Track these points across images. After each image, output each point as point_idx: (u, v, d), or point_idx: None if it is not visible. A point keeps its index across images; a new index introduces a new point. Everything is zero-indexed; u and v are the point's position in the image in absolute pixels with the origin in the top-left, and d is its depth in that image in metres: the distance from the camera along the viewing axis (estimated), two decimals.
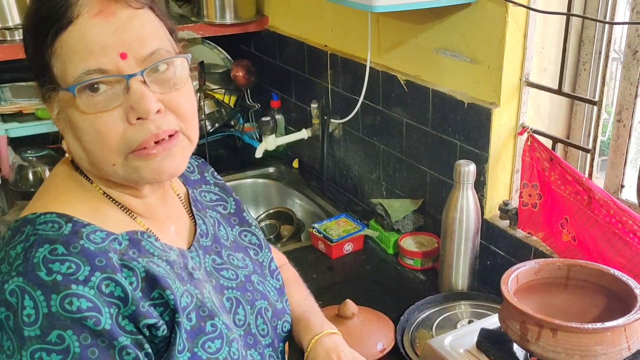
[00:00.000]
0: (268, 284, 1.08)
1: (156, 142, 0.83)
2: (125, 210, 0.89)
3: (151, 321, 0.82)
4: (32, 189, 2.20)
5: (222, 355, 0.89)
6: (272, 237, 2.09)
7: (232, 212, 1.12)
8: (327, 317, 1.36)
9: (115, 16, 0.80)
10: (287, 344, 1.11)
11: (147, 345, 0.82)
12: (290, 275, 1.21)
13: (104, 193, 0.88)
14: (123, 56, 0.79)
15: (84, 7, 0.79)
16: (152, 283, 0.84)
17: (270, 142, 2.22)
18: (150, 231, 0.90)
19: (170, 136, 0.84)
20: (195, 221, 1.01)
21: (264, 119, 2.24)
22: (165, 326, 0.84)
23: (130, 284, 0.81)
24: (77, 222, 0.82)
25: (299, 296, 1.16)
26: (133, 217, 0.90)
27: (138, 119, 0.81)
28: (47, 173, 2.12)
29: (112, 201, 0.89)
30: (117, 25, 0.80)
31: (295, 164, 2.37)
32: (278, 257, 1.24)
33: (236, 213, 1.12)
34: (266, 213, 2.17)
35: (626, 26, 1.37)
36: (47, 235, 0.79)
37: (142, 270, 0.83)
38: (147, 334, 0.83)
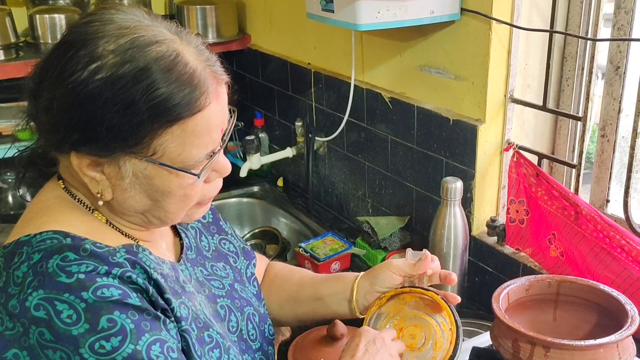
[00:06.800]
0: (248, 290, 1.11)
1: None
2: (123, 234, 0.90)
3: (168, 314, 0.84)
4: (12, 212, 2.16)
5: None
6: None
7: (211, 221, 1.14)
8: (316, 338, 1.37)
9: (222, 95, 0.84)
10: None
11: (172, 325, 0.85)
12: (287, 265, 1.29)
13: (107, 221, 0.89)
14: (222, 130, 0.85)
15: (211, 95, 0.81)
16: (158, 289, 0.85)
17: (255, 161, 2.21)
18: (145, 246, 0.91)
19: None
20: (179, 235, 1.04)
21: (247, 137, 2.23)
22: (173, 327, 0.85)
23: (143, 278, 0.83)
24: (75, 237, 0.81)
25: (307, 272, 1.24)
26: (131, 238, 0.90)
27: None
28: (28, 196, 2.08)
29: (110, 225, 0.89)
30: (223, 103, 0.84)
31: (280, 182, 2.35)
32: (261, 259, 1.28)
33: (214, 222, 1.15)
34: (251, 232, 2.15)
35: (608, 42, 1.38)
36: (52, 247, 0.79)
37: (149, 274, 0.85)
38: None
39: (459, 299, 1.03)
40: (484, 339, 1.20)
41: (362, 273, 1.13)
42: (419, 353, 1.01)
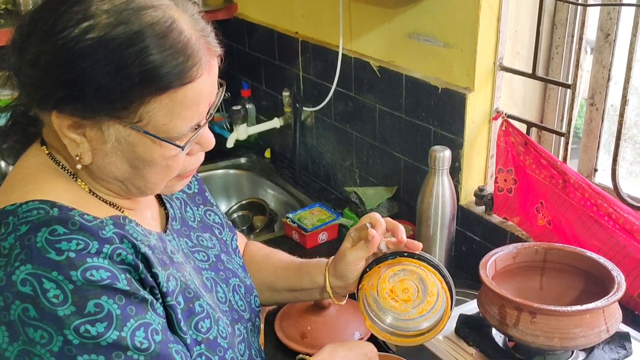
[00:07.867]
0: (234, 261, 1.10)
1: None
2: (107, 203, 0.88)
3: (155, 290, 0.84)
4: None
5: (212, 335, 0.91)
6: (244, 228, 2.05)
7: (196, 192, 1.13)
8: (302, 307, 1.36)
9: (214, 68, 0.82)
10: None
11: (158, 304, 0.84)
12: (262, 246, 1.25)
13: (90, 190, 0.87)
14: (210, 104, 0.84)
15: (203, 67, 0.79)
16: (146, 262, 0.84)
17: (242, 132, 2.19)
18: (131, 217, 0.89)
19: None
20: (164, 206, 1.02)
21: (234, 108, 2.21)
22: (160, 305, 0.85)
23: (131, 253, 0.82)
24: (62, 207, 0.79)
25: (286, 255, 1.21)
26: (115, 207, 0.89)
27: None
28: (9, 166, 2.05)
29: (94, 195, 0.87)
30: (213, 76, 0.82)
31: (267, 153, 2.33)
32: (240, 237, 1.26)
33: (200, 192, 1.13)
34: (238, 204, 2.14)
35: (597, 9, 1.36)
36: (39, 219, 0.77)
37: (137, 248, 0.84)
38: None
39: (419, 245, 1.01)
40: (471, 307, 1.20)
41: (328, 265, 1.10)
42: (419, 302, 1.02)
